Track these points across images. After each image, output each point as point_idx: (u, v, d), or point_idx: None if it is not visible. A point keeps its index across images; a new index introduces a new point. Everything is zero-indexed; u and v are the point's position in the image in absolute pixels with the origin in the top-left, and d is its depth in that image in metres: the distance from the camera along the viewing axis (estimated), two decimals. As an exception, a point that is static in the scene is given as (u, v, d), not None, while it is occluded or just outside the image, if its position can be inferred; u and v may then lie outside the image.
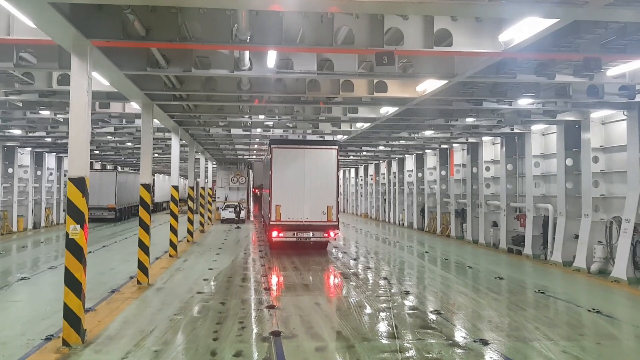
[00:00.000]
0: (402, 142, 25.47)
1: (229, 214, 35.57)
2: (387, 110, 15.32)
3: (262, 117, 17.24)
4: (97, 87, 11.71)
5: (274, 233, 18.91)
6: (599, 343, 8.58)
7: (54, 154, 31.53)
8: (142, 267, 12.83)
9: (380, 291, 12.51)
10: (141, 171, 13.68)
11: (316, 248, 20.35)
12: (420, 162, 31.26)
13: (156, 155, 33.32)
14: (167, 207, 20.74)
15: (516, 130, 19.30)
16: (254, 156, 36.39)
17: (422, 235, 28.28)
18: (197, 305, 10.82)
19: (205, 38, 8.32)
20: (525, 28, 7.57)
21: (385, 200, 39.04)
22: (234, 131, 22.07)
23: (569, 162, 17.06)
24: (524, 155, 20.07)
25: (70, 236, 7.90)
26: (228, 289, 12.57)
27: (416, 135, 21.91)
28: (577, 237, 16.28)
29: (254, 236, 26.44)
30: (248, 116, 16.96)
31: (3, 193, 26.20)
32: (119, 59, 9.74)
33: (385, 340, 8.51)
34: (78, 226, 7.91)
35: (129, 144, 27.48)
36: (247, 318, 9.79)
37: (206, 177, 35.78)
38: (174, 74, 11.05)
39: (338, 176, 19.58)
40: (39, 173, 29.85)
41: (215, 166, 39.55)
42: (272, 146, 19.37)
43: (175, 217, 18.18)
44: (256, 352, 7.87)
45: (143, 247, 12.89)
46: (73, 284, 7.86)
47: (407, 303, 11.30)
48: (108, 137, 24.21)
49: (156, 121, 17.53)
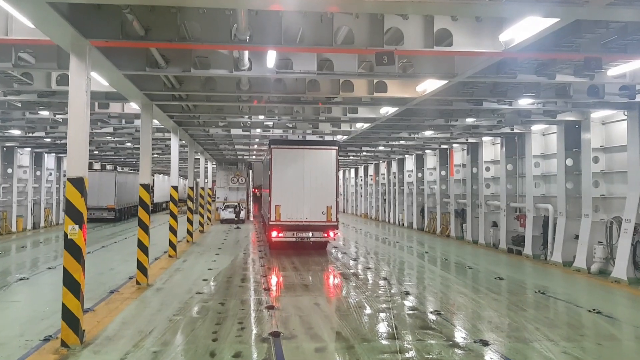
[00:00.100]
0: (402, 143, 25.46)
1: (229, 214, 35.58)
2: (387, 110, 15.29)
3: (262, 118, 17.22)
4: (96, 87, 11.64)
5: (274, 233, 18.91)
6: (600, 344, 8.56)
7: (54, 154, 31.51)
8: (141, 268, 12.82)
9: (380, 291, 12.48)
10: (140, 171, 13.65)
11: (316, 248, 20.34)
12: (420, 163, 31.25)
13: (156, 155, 33.29)
14: (167, 208, 20.71)
15: (516, 130, 19.28)
16: (254, 156, 36.37)
17: (422, 235, 28.26)
18: (197, 305, 10.80)
19: (204, 38, 8.30)
20: (525, 28, 7.54)
21: (385, 200, 39.02)
22: (234, 131, 22.04)
23: (569, 162, 17.05)
24: (524, 155, 20.06)
25: (68, 236, 7.87)
26: (227, 290, 12.55)
27: (416, 135, 21.89)
28: (577, 238, 16.26)
29: (254, 236, 26.41)
30: (248, 116, 16.93)
31: (2, 193, 26.19)
32: (118, 59, 9.72)
33: (385, 341, 8.48)
34: (77, 226, 7.88)
35: (129, 144, 27.45)
36: (247, 318, 9.77)
37: (206, 178, 35.76)
38: (174, 74, 11.03)
39: (338, 176, 19.58)
40: (39, 173, 29.84)
41: (215, 166, 39.54)
42: (272, 146, 19.39)
43: (174, 218, 18.15)
44: (255, 353, 7.85)
45: (142, 248, 12.86)
46: (72, 285, 7.83)
47: (407, 303, 11.28)
48: (107, 138, 24.19)
49: (155, 121, 17.51)
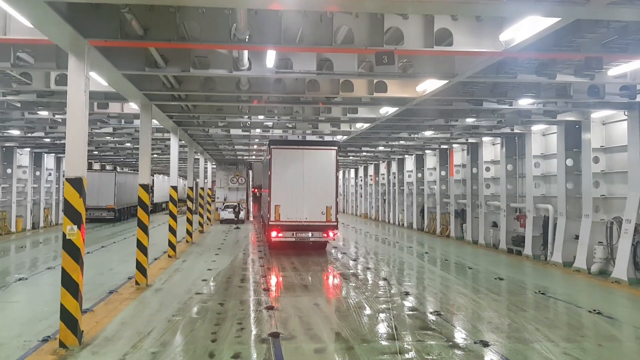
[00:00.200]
0: (402, 143, 25.43)
1: (228, 215, 35.56)
2: (387, 110, 15.26)
3: (262, 118, 17.19)
4: (96, 87, 11.62)
5: (273, 233, 18.89)
6: (600, 344, 8.53)
7: (53, 155, 31.48)
8: (141, 268, 12.78)
9: (379, 292, 12.45)
10: (140, 172, 13.62)
11: (315, 248, 20.32)
12: (420, 163, 31.22)
13: (155, 155, 33.26)
14: (167, 208, 20.71)
15: (516, 130, 19.25)
16: (254, 156, 36.34)
17: (422, 235, 28.23)
18: (196, 306, 10.76)
19: (203, 37, 8.27)
20: (526, 27, 7.51)
21: (384, 200, 38.99)
22: (233, 131, 22.01)
23: (570, 163, 17.02)
24: (524, 155, 20.03)
25: (67, 237, 7.84)
26: (227, 290, 12.52)
27: (416, 135, 21.86)
28: (578, 238, 16.23)
29: (253, 236, 26.38)
30: (247, 116, 16.90)
31: (2, 193, 26.17)
32: (117, 59, 9.68)
33: (384, 341, 8.45)
34: (75, 227, 7.85)
35: (128, 145, 27.42)
36: (246, 319, 9.74)
37: (205, 178, 35.74)
38: (173, 74, 11.01)
39: (337, 176, 19.56)
40: (38, 173, 29.80)
41: (214, 167, 39.51)
42: (272, 147, 19.38)
43: (174, 218, 18.13)
44: (255, 354, 7.82)
45: (141, 248, 12.83)
46: (70, 285, 7.80)
47: (407, 304, 11.25)
48: (107, 138, 24.16)
49: (155, 121, 17.48)
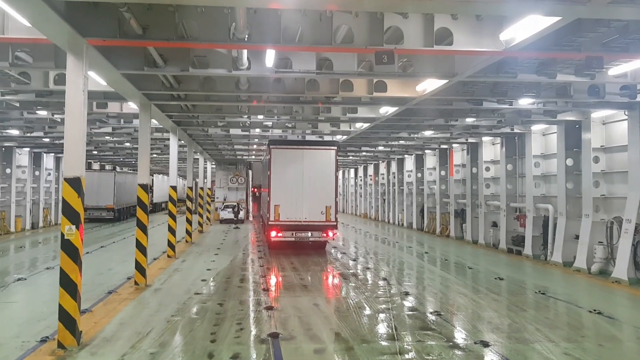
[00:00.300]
0: (402, 142, 25.40)
1: (228, 214, 35.54)
2: (387, 110, 15.23)
3: (261, 117, 17.16)
4: (95, 87, 11.58)
5: (273, 233, 18.87)
6: (601, 345, 8.50)
7: (52, 155, 31.43)
8: (140, 268, 12.74)
9: (379, 292, 12.42)
10: (139, 171, 13.58)
11: (315, 248, 20.29)
12: (419, 163, 31.18)
13: (155, 155, 33.21)
14: (166, 208, 20.66)
15: (516, 130, 19.22)
16: (253, 156, 36.31)
17: (422, 235, 28.20)
18: (195, 306, 10.73)
19: (202, 37, 8.24)
20: (526, 26, 7.48)
21: (384, 200, 38.96)
22: (233, 131, 21.98)
23: (570, 162, 16.99)
24: (524, 155, 20.00)
25: (65, 237, 7.80)
26: (226, 290, 12.48)
27: (416, 135, 21.83)
28: (578, 238, 16.20)
29: (253, 236, 26.35)
30: (247, 116, 16.87)
31: (1, 193, 26.13)
32: (116, 58, 9.65)
33: (384, 342, 8.42)
34: (73, 227, 7.81)
35: (127, 144, 27.38)
36: (245, 319, 9.70)
37: (205, 178, 35.69)
38: (172, 74, 10.98)
39: (337, 176, 19.55)
40: (37, 173, 29.75)
41: (214, 166, 39.49)
42: (271, 146, 19.36)
43: (173, 218, 18.09)
44: (254, 354, 7.79)
45: (140, 248, 12.79)
46: (68, 285, 7.76)
47: (407, 304, 11.21)
48: (106, 138, 24.11)
49: (154, 121, 17.45)
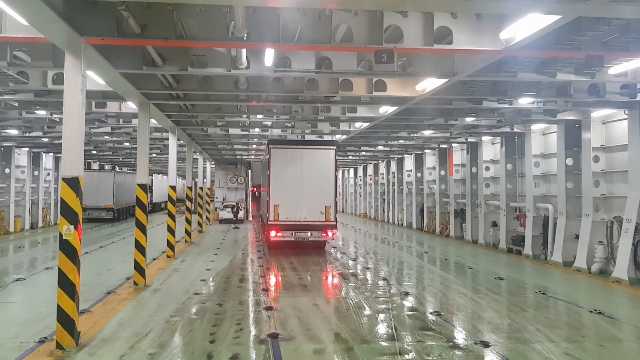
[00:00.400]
0: (401, 142, 25.37)
1: (228, 214, 35.51)
2: (386, 109, 15.19)
3: (260, 117, 17.12)
4: (93, 86, 11.57)
5: (272, 233, 18.84)
6: (602, 345, 8.47)
7: (52, 154, 31.34)
8: (139, 268, 12.70)
9: (379, 292, 12.39)
10: (138, 171, 13.55)
11: (314, 248, 20.26)
12: (419, 162, 31.15)
13: (154, 155, 33.15)
14: (166, 208, 20.66)
15: (516, 129, 19.17)
16: (253, 156, 36.27)
17: (421, 235, 28.17)
18: (194, 306, 10.69)
19: (201, 36, 8.20)
20: (526, 25, 7.45)
21: (384, 200, 38.93)
22: (232, 131, 21.94)
23: (570, 162, 16.95)
24: (524, 154, 19.96)
25: (63, 237, 7.76)
26: (226, 290, 12.45)
27: (415, 135, 21.80)
28: (578, 237, 16.17)
29: (253, 236, 26.31)
30: (246, 116, 16.83)
31: (0, 193, 26.05)
32: (114, 58, 9.60)
33: (384, 342, 8.38)
34: (72, 227, 7.78)
35: (127, 144, 27.32)
36: (245, 320, 9.67)
37: (204, 177, 35.65)
38: (171, 73, 10.93)
39: (336, 176, 19.54)
40: (36, 173, 29.67)
41: (213, 166, 39.45)
42: (271, 146, 19.34)
43: (172, 218, 18.04)
44: (253, 355, 7.76)
45: (139, 248, 12.75)
46: (67, 286, 7.73)
47: (407, 304, 11.18)
48: (105, 137, 24.06)
49: (154, 121, 17.41)
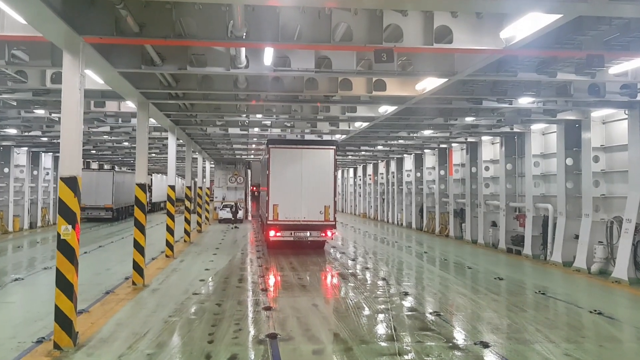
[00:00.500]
0: (401, 142, 25.34)
1: (227, 214, 35.47)
2: (386, 109, 15.15)
3: (260, 116, 17.09)
4: (92, 86, 11.55)
5: (272, 232, 18.82)
6: (602, 345, 8.43)
7: (51, 154, 31.27)
8: (137, 268, 12.66)
9: (378, 292, 12.35)
10: (137, 171, 13.51)
11: (314, 247, 20.23)
12: (419, 162, 31.12)
13: (153, 155, 33.10)
14: (165, 207, 20.65)
15: (516, 129, 19.14)
16: (252, 156, 36.23)
17: (421, 235, 28.14)
18: (193, 306, 10.65)
19: (200, 35, 8.17)
20: (527, 24, 7.41)
21: (383, 200, 38.90)
22: (232, 130, 21.89)
23: (569, 162, 16.92)
24: (524, 154, 19.93)
25: (61, 237, 7.73)
26: (224, 290, 12.41)
27: (415, 134, 21.77)
28: (577, 237, 16.14)
29: (252, 236, 26.28)
30: (245, 115, 16.80)
31: (-1, 193, 26.05)
32: (113, 56, 9.57)
33: (383, 342, 8.35)
34: (70, 227, 7.74)
35: (126, 144, 27.28)
36: (244, 320, 9.63)
37: (204, 177, 35.61)
38: (170, 72, 10.89)
39: (335, 176, 19.53)
40: (35, 173, 29.60)
41: (212, 166, 39.41)
42: (270, 146, 19.32)
43: (171, 217, 18.00)
44: (252, 355, 7.72)
45: (138, 248, 12.71)
46: (64, 286, 7.69)
47: (406, 304, 11.15)
48: (104, 137, 24.01)
49: (153, 120, 17.37)
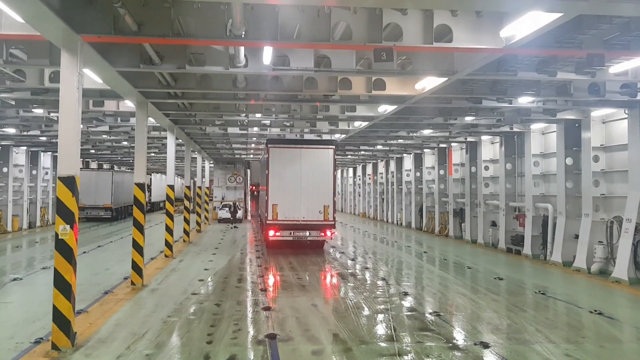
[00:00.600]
0: (401, 141, 25.30)
1: (226, 214, 35.44)
2: (386, 108, 15.11)
3: (259, 116, 17.06)
4: (91, 85, 11.48)
5: (271, 232, 18.78)
6: (602, 346, 8.40)
7: (50, 154, 31.22)
8: (136, 268, 12.62)
9: (378, 292, 12.31)
10: (135, 170, 13.46)
11: (313, 247, 20.21)
12: (418, 162, 31.09)
13: (153, 154, 33.05)
14: (165, 207, 20.67)
15: (515, 129, 19.10)
16: (251, 155, 36.18)
17: (420, 235, 28.11)
18: (192, 306, 10.61)
19: (199, 33, 8.13)
20: (527, 23, 7.37)
21: (383, 199, 38.87)
22: (231, 130, 21.86)
23: (569, 161, 16.89)
24: (524, 154, 19.90)
25: (59, 237, 7.69)
26: (224, 290, 12.37)
27: (415, 134, 21.73)
28: (577, 237, 16.12)
29: (251, 236, 26.24)
30: (244, 115, 16.76)
31: (-2, 192, 26.00)
32: (111, 55, 9.52)
33: (383, 343, 8.32)
34: (68, 226, 7.69)
35: (125, 143, 27.22)
36: (243, 320, 9.59)
37: (203, 177, 35.56)
38: (168, 71, 10.85)
39: (335, 176, 19.51)
40: (35, 172, 29.56)
41: (212, 165, 39.37)
42: (269, 146, 19.30)
43: (170, 217, 17.96)
44: (251, 356, 7.69)
45: (137, 248, 12.67)
46: (62, 286, 7.65)
47: (406, 304, 11.11)
48: (103, 136, 23.95)
49: (152, 120, 17.33)
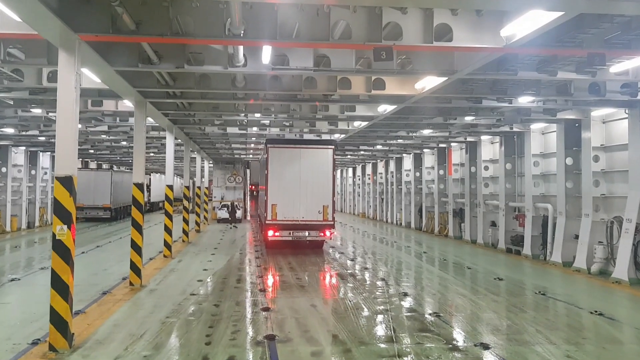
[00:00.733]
0: (400, 141, 25.27)
1: (225, 214, 35.40)
2: (385, 108, 15.07)
3: (258, 116, 17.01)
4: (89, 84, 11.44)
5: (270, 232, 18.74)
6: (603, 347, 8.36)
7: (49, 154, 31.15)
8: (135, 268, 12.56)
9: (377, 292, 12.27)
10: (134, 170, 13.40)
11: (312, 247, 20.17)
12: (418, 162, 31.06)
13: (152, 154, 32.98)
14: (164, 207, 20.64)
15: (515, 129, 19.06)
16: (251, 155, 36.13)
17: (420, 235, 28.07)
18: (191, 307, 10.56)
19: (197, 32, 8.07)
20: (527, 22, 7.32)
21: (382, 199, 38.82)
22: (230, 130, 21.82)
23: (569, 161, 16.85)
24: (523, 154, 19.86)
25: (57, 237, 7.63)
26: (222, 291, 12.32)
27: (414, 134, 21.69)
28: (577, 237, 16.08)
29: (250, 236, 26.19)
30: (244, 114, 16.72)
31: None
32: (109, 55, 9.47)
33: (383, 344, 8.27)
34: (65, 227, 7.64)
35: (124, 143, 27.16)
36: (241, 321, 9.55)
37: (202, 177, 35.50)
38: (167, 70, 10.79)
39: (334, 176, 19.48)
40: (33, 172, 29.49)
41: (211, 165, 39.32)
42: (269, 145, 19.26)
43: (169, 217, 17.91)
44: (250, 357, 7.64)
45: (135, 248, 12.61)
46: (60, 287, 7.59)
47: (405, 305, 11.07)
48: (102, 136, 23.90)
49: (151, 119, 17.28)
